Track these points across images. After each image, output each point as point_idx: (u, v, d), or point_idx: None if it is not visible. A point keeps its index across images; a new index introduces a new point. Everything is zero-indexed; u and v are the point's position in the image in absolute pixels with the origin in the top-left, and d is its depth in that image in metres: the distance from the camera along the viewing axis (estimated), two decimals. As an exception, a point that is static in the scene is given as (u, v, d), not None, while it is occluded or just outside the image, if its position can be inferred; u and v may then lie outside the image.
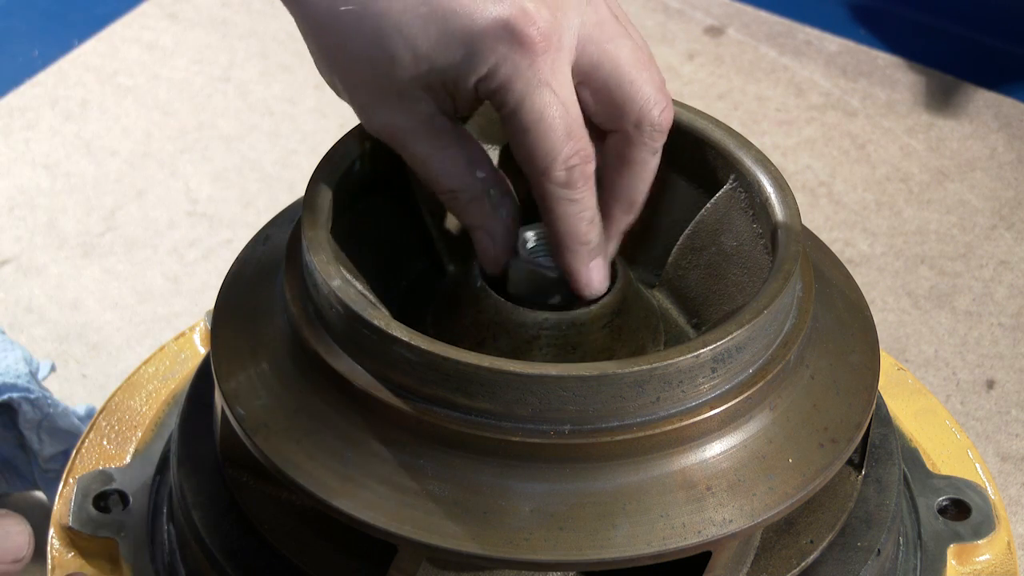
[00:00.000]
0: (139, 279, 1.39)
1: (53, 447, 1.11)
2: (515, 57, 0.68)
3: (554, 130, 0.69)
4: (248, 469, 0.75)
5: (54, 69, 1.66)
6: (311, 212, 0.73)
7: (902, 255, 1.41)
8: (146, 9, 1.76)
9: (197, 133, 1.57)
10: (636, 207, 0.75)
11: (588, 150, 0.70)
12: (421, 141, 0.72)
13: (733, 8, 1.75)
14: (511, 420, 0.67)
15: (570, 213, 0.71)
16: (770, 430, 0.70)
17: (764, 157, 0.77)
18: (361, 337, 0.69)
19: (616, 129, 0.72)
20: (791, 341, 0.72)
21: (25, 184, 1.49)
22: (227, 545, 0.76)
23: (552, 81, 0.68)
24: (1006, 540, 0.85)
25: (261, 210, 1.47)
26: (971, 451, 0.91)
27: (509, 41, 0.68)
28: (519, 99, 0.68)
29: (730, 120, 1.43)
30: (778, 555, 0.74)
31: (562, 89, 0.69)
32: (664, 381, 0.67)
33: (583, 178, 0.70)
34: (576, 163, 0.70)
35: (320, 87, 1.60)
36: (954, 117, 1.59)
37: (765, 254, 0.76)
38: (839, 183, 1.50)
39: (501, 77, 0.68)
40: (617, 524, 0.67)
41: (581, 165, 0.70)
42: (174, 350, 0.96)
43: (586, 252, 0.73)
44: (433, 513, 0.67)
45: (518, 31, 0.67)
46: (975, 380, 1.28)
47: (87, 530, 0.83)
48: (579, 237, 0.72)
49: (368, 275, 0.76)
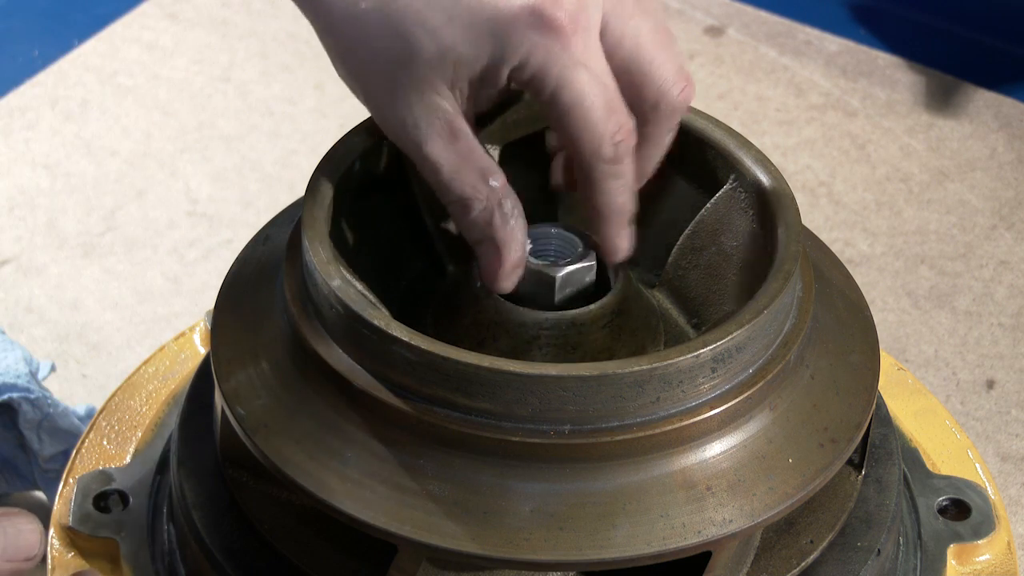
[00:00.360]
0: (139, 279, 1.39)
1: (53, 447, 1.11)
2: (547, 42, 0.68)
3: (596, 109, 0.69)
4: (248, 469, 0.75)
5: (54, 69, 1.66)
6: (311, 212, 0.73)
7: (902, 255, 1.41)
8: (146, 9, 1.76)
9: (197, 133, 1.57)
10: (644, 179, 0.75)
11: (629, 124, 0.71)
12: (437, 143, 0.71)
13: (733, 8, 1.75)
14: (511, 420, 0.67)
15: (615, 188, 0.72)
16: (770, 430, 0.70)
17: (764, 157, 0.77)
18: (361, 337, 0.69)
19: (634, 105, 0.72)
20: (791, 341, 0.72)
21: (25, 184, 1.49)
22: (227, 545, 0.76)
23: (588, 60, 0.69)
24: (1006, 540, 0.85)
25: (261, 210, 1.47)
26: (971, 451, 0.91)
27: (539, 27, 0.68)
28: (557, 84, 0.68)
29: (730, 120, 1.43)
30: (778, 555, 0.74)
31: (597, 67, 0.69)
32: (664, 381, 0.67)
33: (628, 152, 0.71)
34: (621, 138, 0.70)
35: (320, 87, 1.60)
36: (954, 117, 1.58)
37: (765, 254, 0.76)
38: (839, 183, 1.50)
39: (535, 64, 0.68)
40: (617, 524, 0.67)
41: (625, 140, 0.71)
42: (174, 350, 0.96)
43: (624, 222, 0.74)
44: (433, 513, 0.67)
45: (547, 16, 0.67)
46: (975, 380, 1.28)
47: (87, 530, 0.83)
48: (621, 209, 0.73)
49: (368, 275, 0.76)
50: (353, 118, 0.77)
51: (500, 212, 0.72)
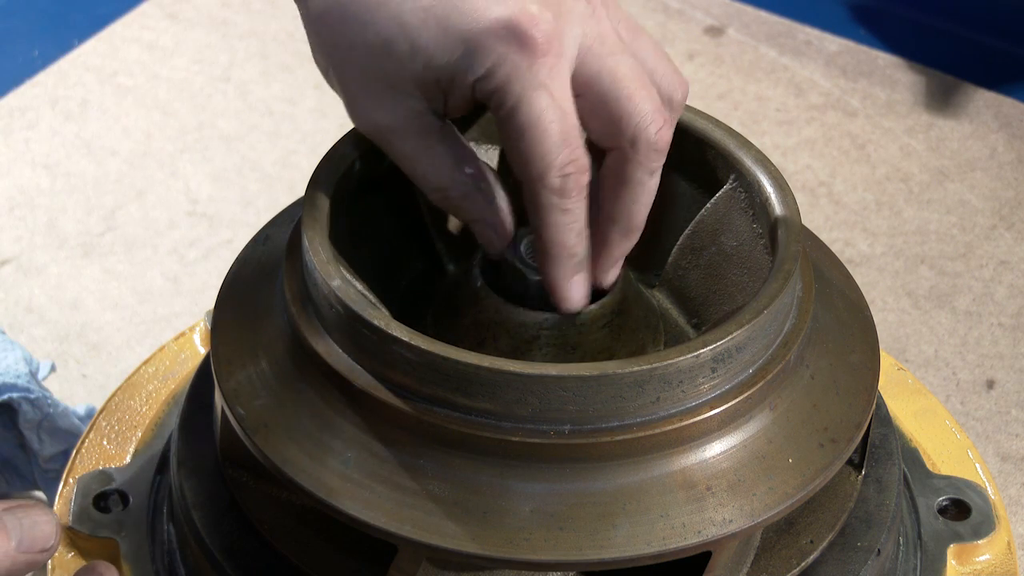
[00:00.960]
0: (139, 279, 1.39)
1: (53, 447, 1.11)
2: (515, 58, 0.67)
3: (550, 135, 0.67)
4: (248, 469, 0.75)
5: (54, 69, 1.66)
6: (311, 212, 0.73)
7: (902, 255, 1.41)
8: (146, 9, 1.76)
9: (197, 133, 1.57)
10: (634, 231, 0.73)
11: (583, 160, 0.69)
12: (408, 139, 0.71)
13: (733, 8, 1.75)
14: (511, 420, 0.67)
15: (560, 223, 0.70)
16: (770, 430, 0.70)
17: (764, 157, 0.77)
18: (361, 337, 0.69)
19: (613, 147, 0.71)
20: (791, 341, 0.72)
21: (25, 184, 1.49)
22: (227, 545, 0.76)
23: (550, 84, 0.67)
24: (1006, 540, 0.85)
25: (261, 210, 1.47)
26: (971, 451, 0.91)
27: (510, 41, 0.67)
28: (516, 101, 0.67)
29: (730, 120, 1.43)
30: (778, 555, 0.74)
31: (560, 94, 0.68)
32: (664, 381, 0.67)
33: (576, 188, 0.69)
34: (571, 171, 0.68)
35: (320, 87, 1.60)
36: (954, 117, 1.59)
37: (765, 254, 0.76)
38: (839, 183, 1.50)
39: (499, 77, 0.67)
40: (617, 524, 0.67)
41: (576, 175, 0.68)
42: (174, 350, 0.96)
43: (571, 265, 0.71)
44: (433, 513, 0.67)
45: (520, 31, 0.67)
46: (975, 380, 1.28)
47: (87, 530, 0.83)
48: (566, 248, 0.71)
49: (368, 275, 0.76)
50: (353, 118, 0.77)
51: (481, 194, 0.72)
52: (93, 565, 0.72)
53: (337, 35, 0.70)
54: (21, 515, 0.68)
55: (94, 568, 0.72)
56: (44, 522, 0.68)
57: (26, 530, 0.67)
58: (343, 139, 0.77)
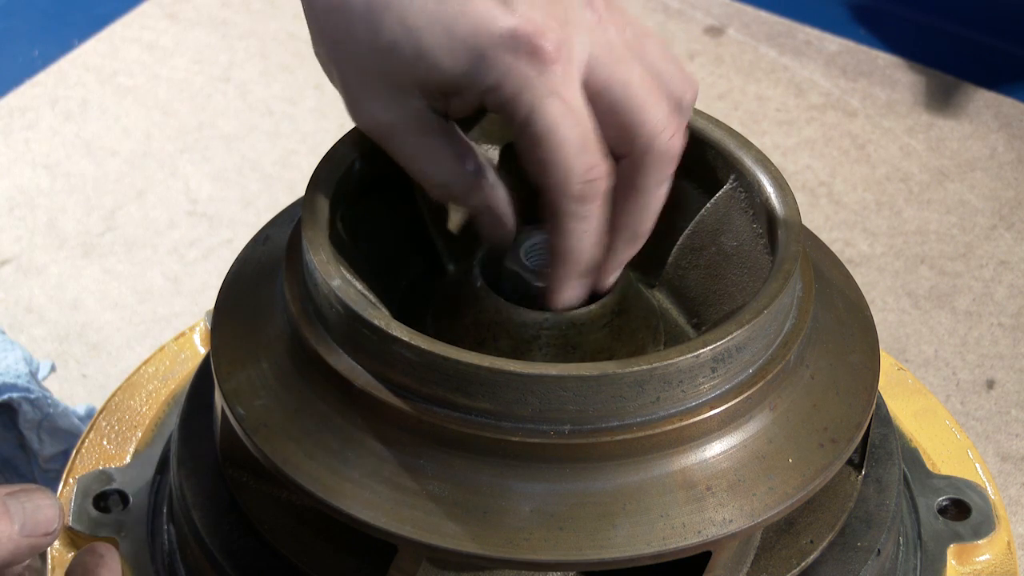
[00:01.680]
0: (139, 279, 1.39)
1: (53, 447, 1.11)
2: (524, 67, 0.66)
3: (568, 142, 0.67)
4: (248, 469, 0.75)
5: (54, 69, 1.66)
6: (311, 212, 0.73)
7: (902, 255, 1.41)
8: (146, 9, 1.76)
9: (197, 133, 1.57)
10: (640, 238, 0.73)
11: (604, 166, 0.68)
12: (409, 136, 0.70)
13: (733, 8, 1.75)
14: (511, 420, 0.67)
15: (578, 230, 0.69)
16: (770, 430, 0.70)
17: (764, 157, 0.77)
18: (361, 337, 0.69)
19: (624, 155, 0.70)
20: (791, 341, 0.72)
21: (25, 184, 1.49)
22: (227, 545, 0.76)
23: (563, 91, 0.66)
24: (1006, 540, 0.85)
25: (261, 210, 1.47)
26: (971, 451, 0.91)
27: (517, 51, 0.66)
28: (529, 110, 0.66)
29: (730, 120, 1.43)
30: (778, 555, 0.74)
31: (573, 100, 0.67)
32: (664, 381, 0.67)
33: (597, 195, 0.68)
34: (593, 178, 0.67)
35: (320, 87, 1.60)
36: (954, 117, 1.59)
37: (765, 254, 0.76)
38: (839, 183, 1.50)
39: (509, 88, 0.66)
40: (617, 524, 0.67)
41: (598, 181, 0.68)
42: (174, 350, 0.96)
43: (579, 271, 0.71)
44: (433, 513, 0.67)
45: (527, 41, 0.66)
46: (975, 380, 1.28)
47: (87, 530, 0.83)
48: (580, 256, 0.70)
49: (368, 275, 0.76)
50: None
51: (485, 185, 0.72)
52: (93, 547, 0.72)
53: (340, 32, 0.70)
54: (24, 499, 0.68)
55: (94, 549, 0.72)
56: (47, 506, 0.68)
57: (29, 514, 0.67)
58: (343, 139, 0.77)
